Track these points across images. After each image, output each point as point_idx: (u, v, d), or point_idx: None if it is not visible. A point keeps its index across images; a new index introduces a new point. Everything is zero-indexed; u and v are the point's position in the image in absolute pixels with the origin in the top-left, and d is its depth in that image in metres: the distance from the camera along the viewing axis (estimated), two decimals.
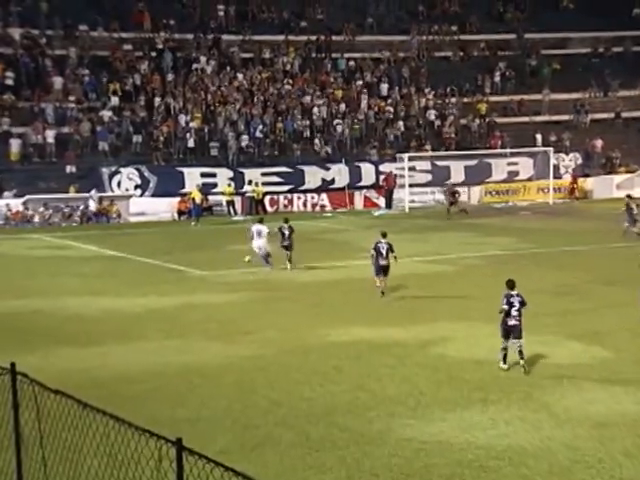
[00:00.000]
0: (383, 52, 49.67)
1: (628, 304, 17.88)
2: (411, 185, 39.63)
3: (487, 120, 46.66)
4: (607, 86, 49.94)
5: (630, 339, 15.10)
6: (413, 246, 26.06)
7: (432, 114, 46.07)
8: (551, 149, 42.08)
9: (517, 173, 42.76)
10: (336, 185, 40.73)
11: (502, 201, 40.63)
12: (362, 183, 41.18)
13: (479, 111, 47.02)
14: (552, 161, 41.78)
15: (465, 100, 47.96)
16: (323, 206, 40.10)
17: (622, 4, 54.20)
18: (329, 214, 38.42)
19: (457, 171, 42.29)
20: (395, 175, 40.38)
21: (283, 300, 19.56)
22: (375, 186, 41.16)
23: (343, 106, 45.17)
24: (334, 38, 49.48)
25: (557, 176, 42.66)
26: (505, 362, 13.65)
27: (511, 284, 13.93)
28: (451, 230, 31.72)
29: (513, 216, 36.17)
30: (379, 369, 13.83)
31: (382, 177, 40.93)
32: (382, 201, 40.53)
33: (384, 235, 20.05)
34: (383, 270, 19.49)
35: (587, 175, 43.99)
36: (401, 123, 45.07)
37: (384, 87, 47.22)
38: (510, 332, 13.63)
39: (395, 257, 19.57)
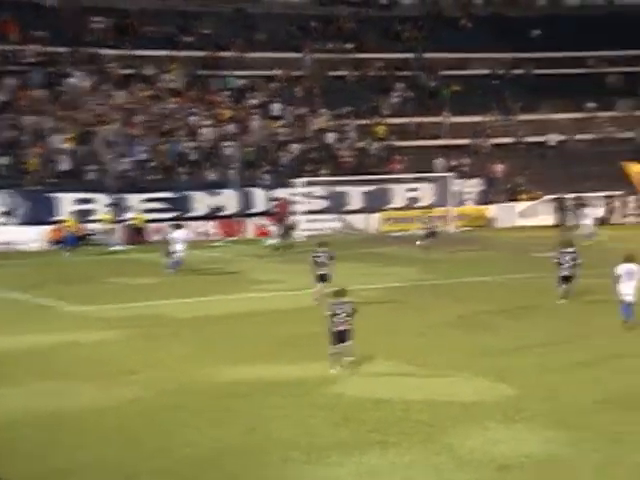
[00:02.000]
0: (275, 70, 50.11)
1: (533, 338, 18.45)
2: (307, 212, 39.90)
3: (386, 143, 47.59)
4: (508, 109, 51.79)
5: (536, 375, 15.55)
6: (307, 278, 26.14)
7: (328, 136, 46.67)
8: (452, 174, 43.22)
9: (417, 199, 43.67)
10: (225, 212, 40.63)
11: (402, 229, 41.38)
12: (254, 210, 41.23)
13: (377, 134, 47.91)
14: (454, 187, 42.89)
15: (362, 122, 48.79)
16: (212, 234, 39.89)
17: (521, 25, 56.56)
18: (218, 243, 38.24)
19: (355, 197, 42.90)
20: (289, 201, 40.57)
21: (168, 336, 19.30)
22: (268, 213, 41.25)
23: (233, 127, 45.22)
24: (222, 54, 49.62)
25: (459, 203, 43.77)
26: (335, 368, 15.51)
27: (340, 293, 16.09)
28: (349, 260, 31.95)
29: (413, 245, 36.87)
30: (273, 410, 13.80)
31: (275, 203, 41.07)
32: (276, 229, 40.60)
33: (321, 244, 23.04)
34: (323, 278, 22.03)
35: (490, 202, 45.32)
36: (295, 146, 45.44)
37: (277, 107, 47.58)
38: (340, 337, 15.57)
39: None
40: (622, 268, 19.03)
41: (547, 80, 52.84)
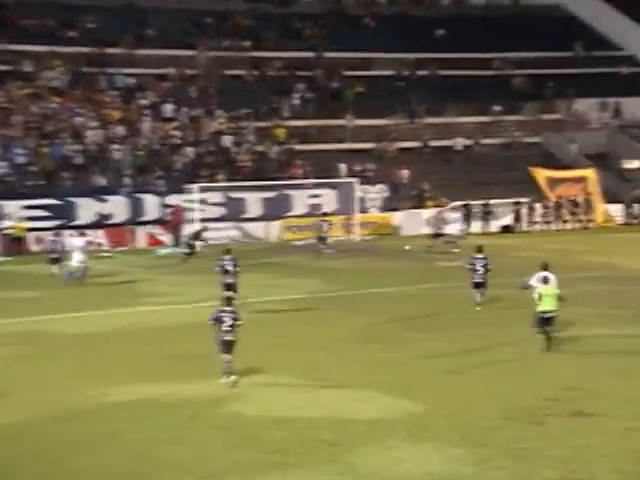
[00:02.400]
0: (167, 68, 49.69)
1: (437, 351, 18.75)
2: (202, 220, 39.66)
3: (286, 147, 47.71)
4: (413, 112, 52.62)
5: (440, 390, 15.81)
6: (204, 290, 25.97)
7: (225, 140, 46.51)
8: (356, 180, 43.62)
9: (320, 206, 43.89)
10: (114, 220, 40.05)
11: (304, 238, 41.51)
12: (145, 218, 40.75)
13: (277, 137, 48.00)
14: (357, 193, 43.29)
15: (261, 124, 48.82)
16: (99, 244, 39.21)
17: (425, 25, 57.62)
18: (106, 254, 37.62)
19: (254, 204, 42.84)
20: (183, 208, 40.26)
21: (51, 355, 18.89)
22: (160, 221, 40.83)
23: (122, 129, 44.64)
24: (109, 51, 48.94)
25: (363, 210, 44.20)
26: (227, 377, 16.14)
27: (227, 301, 16.85)
28: (247, 271, 31.90)
29: (316, 255, 37.02)
30: (165, 432, 13.66)
31: (168, 211, 40.69)
32: (169, 238, 40.24)
33: (227, 252, 24.35)
34: (230, 286, 23.24)
35: (395, 209, 45.89)
36: (190, 149, 45.13)
37: (169, 108, 47.18)
38: (227, 347, 16.23)
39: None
40: (539, 276, 19.67)
41: (453, 82, 53.91)
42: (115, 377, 16.96)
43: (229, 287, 23.34)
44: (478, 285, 23.20)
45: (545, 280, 19.44)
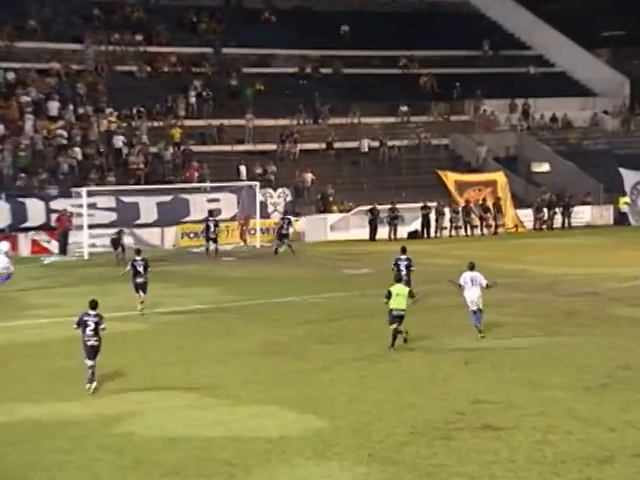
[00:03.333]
0: (51, 63, 48.82)
1: (344, 363, 18.83)
2: (91, 226, 39.02)
3: (182, 148, 47.38)
4: (317, 112, 52.88)
5: (346, 405, 15.85)
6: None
7: (117, 140, 45.89)
8: (257, 183, 43.55)
9: (219, 211, 43.68)
10: None
11: (202, 244, 41.21)
12: (29, 224, 39.93)
13: (172, 137, 47.63)
14: (259, 197, 43.24)
15: (155, 124, 48.37)
16: None
17: (328, 20, 58.03)
18: None
19: (148, 209, 42.36)
20: (71, 214, 39.58)
21: None
22: (46, 227, 40.05)
23: (1, 128, 43.68)
24: None
25: (264, 215, 44.16)
26: (89, 383, 16.78)
27: (92, 305, 17.32)
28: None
29: (215, 262, 36.81)
30: (49, 456, 13.36)
31: (54, 216, 39.94)
32: (55, 246, 39.49)
33: (138, 252, 25.46)
34: (140, 287, 24.39)
35: (298, 214, 45.97)
36: (77, 150, 44.41)
37: (54, 105, 46.37)
38: (89, 351, 16.91)
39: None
40: (465, 276, 20.87)
41: (358, 80, 54.49)
42: None
43: (139, 287, 24.57)
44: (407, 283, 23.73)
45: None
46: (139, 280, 24.63)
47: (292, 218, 40.97)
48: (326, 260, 36.58)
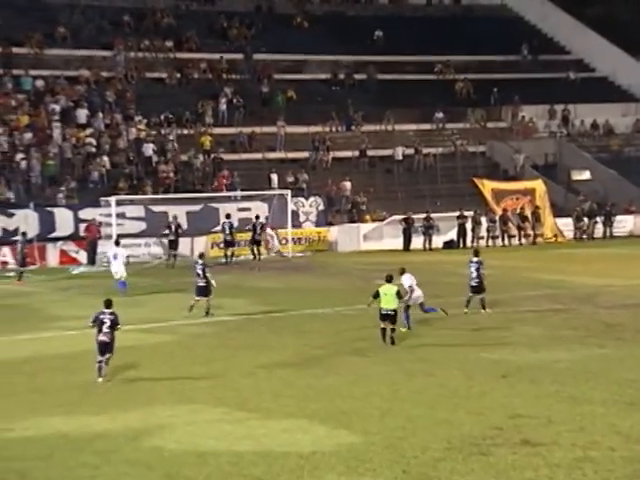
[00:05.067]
0: (81, 70, 49.24)
1: (376, 377, 18.77)
2: (120, 236, 39.24)
3: (212, 156, 47.57)
4: (350, 119, 52.90)
5: (380, 419, 15.78)
6: (124, 312, 25.64)
7: (146, 148, 46.18)
8: (288, 192, 43.64)
9: (249, 221, 43.76)
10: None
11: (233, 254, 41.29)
12: (57, 234, 40.23)
13: (202, 145, 47.85)
14: (290, 206, 43.31)
15: (185, 132, 48.63)
16: (4, 263, 38.63)
17: (362, 26, 58.05)
18: (13, 273, 37.02)
19: (177, 218, 42.43)
20: (100, 223, 39.85)
21: None
22: (74, 237, 40.35)
23: (30, 136, 44.07)
24: (15, 50, 48.41)
25: (296, 224, 44.24)
26: (100, 375, 18.23)
27: (107, 303, 18.57)
28: (172, 291, 31.76)
29: (245, 272, 36.88)
30: (76, 471, 13.39)
31: (83, 226, 40.22)
32: (84, 256, 39.79)
33: (201, 255, 27.40)
34: (201, 291, 25.67)
35: (331, 224, 46.02)
36: (106, 159, 44.73)
37: (83, 113, 46.75)
38: (101, 347, 18.24)
39: None
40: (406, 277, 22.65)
41: (392, 87, 54.46)
42: (20, 410, 16.61)
43: (199, 292, 25.61)
44: (475, 290, 24.74)
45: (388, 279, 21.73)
46: (200, 284, 25.56)
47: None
48: (358, 270, 36.52)
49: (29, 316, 26.93)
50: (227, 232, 39.76)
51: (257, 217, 41.32)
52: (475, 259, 25.17)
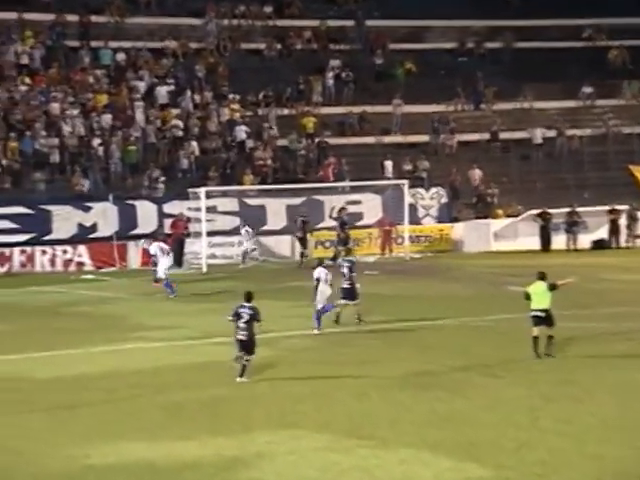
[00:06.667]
0: (166, 41, 50.02)
1: (511, 402, 18.62)
2: (210, 233, 39.77)
3: (317, 141, 47.81)
4: (479, 96, 52.55)
5: (515, 452, 15.66)
6: (213, 321, 26.04)
7: (240, 131, 46.65)
8: (405, 182, 43.54)
9: (360, 216, 43.85)
10: (100, 234, 40.30)
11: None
12: (139, 230, 40.92)
13: (305, 128, 48.13)
14: (407, 199, 43.20)
15: (286, 112, 48.97)
16: (81, 264, 39.43)
17: None
18: (89, 275, 37.84)
19: (276, 213, 42.88)
20: (188, 219, 40.39)
21: (17, 405, 18.94)
22: (158, 234, 41.00)
23: (109, 118, 44.93)
24: (93, 19, 49.40)
25: (414, 220, 44.10)
26: (241, 375, 19.73)
27: (247, 297, 19.98)
28: (268, 297, 31.94)
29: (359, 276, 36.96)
30: None
31: (169, 222, 40.81)
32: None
33: (348, 251, 29.82)
34: (346, 293, 26.31)
35: (455, 220, 45.77)
36: (195, 144, 45.34)
37: (169, 91, 47.43)
38: (239, 345, 19.58)
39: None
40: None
41: (530, 57, 54.07)
42: (99, 433, 16.95)
43: (346, 293, 26.32)
44: None
45: None
46: (345, 285, 26.33)
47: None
48: (488, 275, 36.26)
49: (108, 326, 27.44)
50: (298, 226, 40.80)
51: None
52: None
